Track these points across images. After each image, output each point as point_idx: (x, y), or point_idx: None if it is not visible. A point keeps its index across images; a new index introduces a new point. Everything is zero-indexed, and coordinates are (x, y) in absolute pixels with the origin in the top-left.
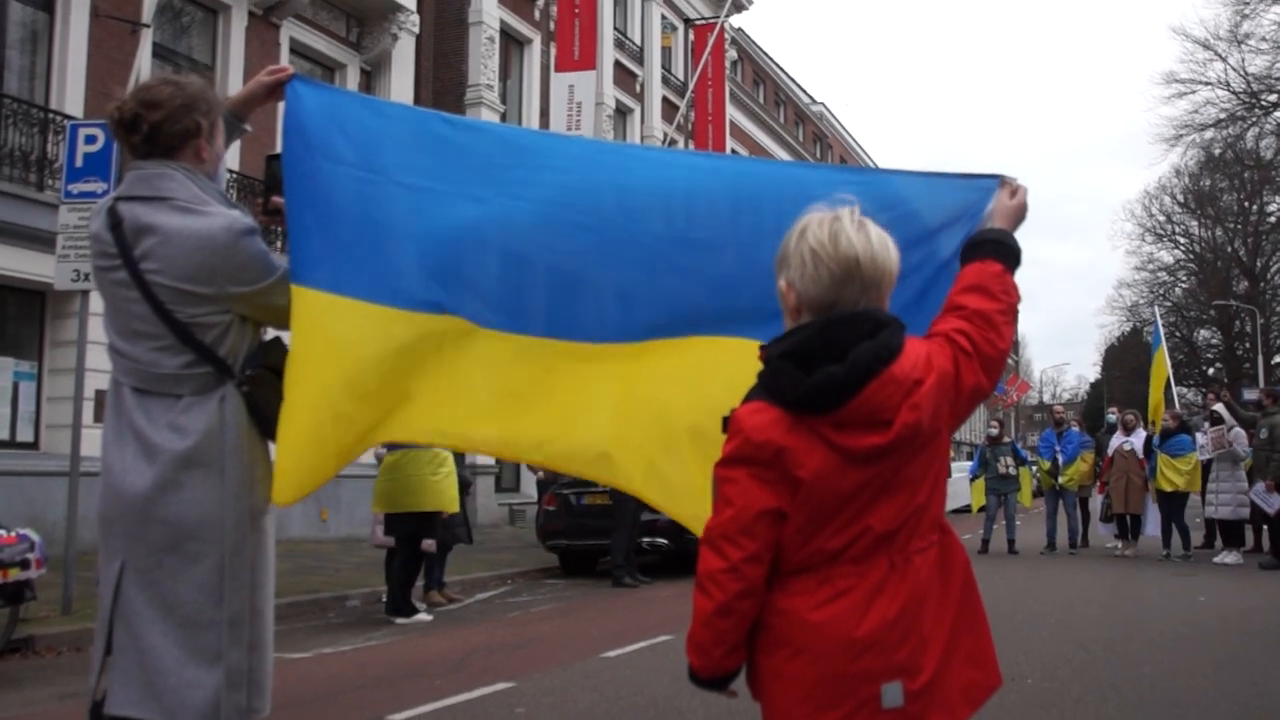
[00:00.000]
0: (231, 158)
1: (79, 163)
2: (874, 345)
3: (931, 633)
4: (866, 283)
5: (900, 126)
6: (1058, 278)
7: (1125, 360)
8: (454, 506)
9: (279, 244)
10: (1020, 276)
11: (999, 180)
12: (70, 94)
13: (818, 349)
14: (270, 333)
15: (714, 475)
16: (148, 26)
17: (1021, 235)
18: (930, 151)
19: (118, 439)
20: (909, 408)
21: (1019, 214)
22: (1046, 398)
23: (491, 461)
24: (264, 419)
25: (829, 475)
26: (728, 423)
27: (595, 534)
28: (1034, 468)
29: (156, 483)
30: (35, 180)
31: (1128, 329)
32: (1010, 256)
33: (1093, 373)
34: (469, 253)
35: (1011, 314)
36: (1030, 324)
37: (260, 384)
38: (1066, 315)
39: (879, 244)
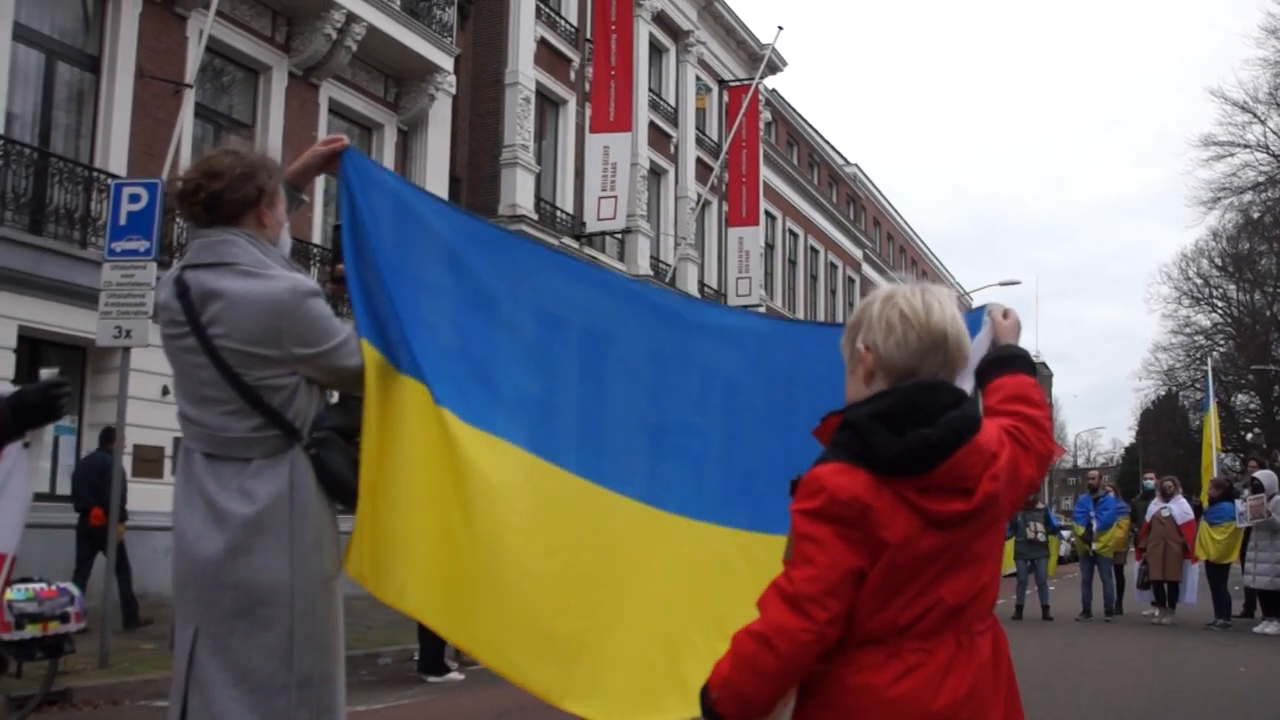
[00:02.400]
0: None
1: (123, 221)
2: (962, 414)
3: (991, 717)
4: (948, 358)
5: (936, 186)
6: (1095, 339)
7: (1161, 425)
8: None
9: (343, 310)
10: (1059, 338)
11: (984, 309)
12: (114, 153)
13: (906, 413)
14: (337, 395)
15: (792, 530)
16: (190, 87)
17: (1062, 296)
18: (966, 209)
19: (188, 505)
20: (989, 478)
21: (1019, 329)
22: (1081, 461)
23: None
24: (332, 482)
25: (911, 538)
26: (796, 486)
27: None
28: (1068, 533)
29: (227, 548)
30: (79, 238)
31: (1163, 393)
32: (1030, 366)
33: (1128, 437)
34: (500, 360)
35: (1050, 418)
36: (1066, 386)
37: (328, 446)
38: (1102, 377)
39: (961, 323)
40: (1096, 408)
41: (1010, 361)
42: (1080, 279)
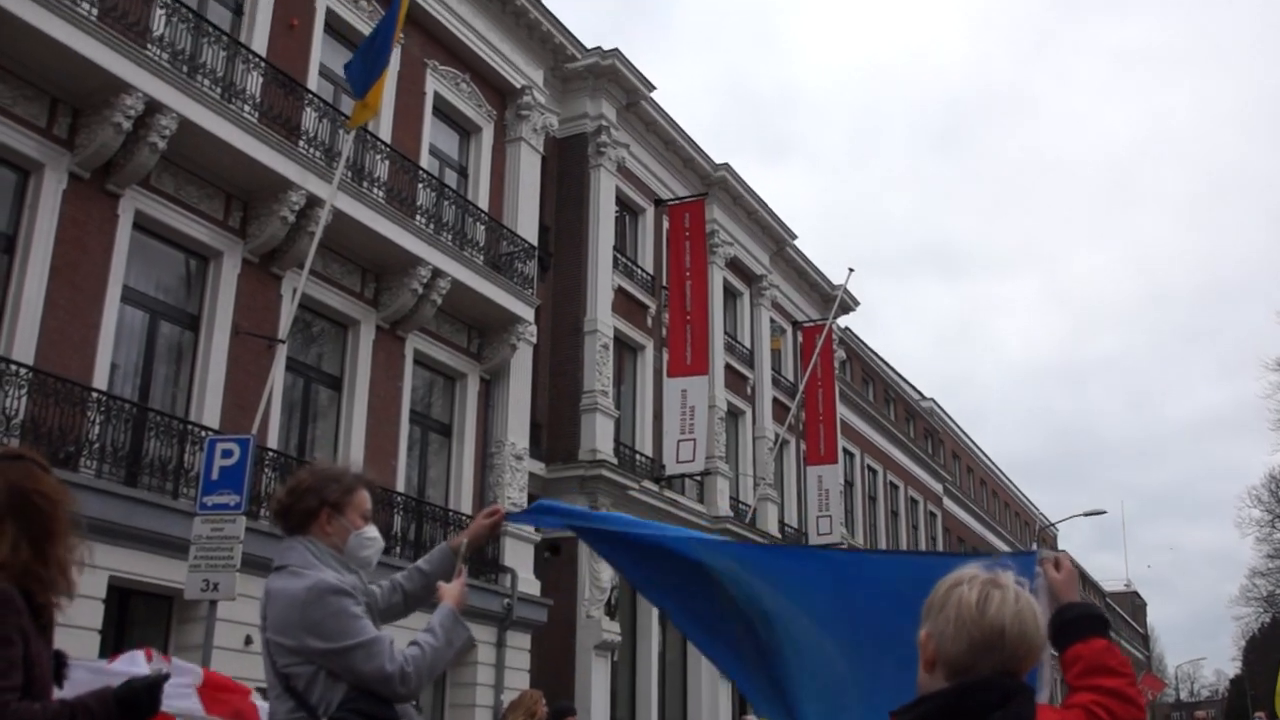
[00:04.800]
0: None
1: (215, 476)
2: (1004, 716)
3: None
4: (1008, 656)
5: (1017, 409)
6: (1191, 563)
7: (1268, 654)
8: None
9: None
10: (1155, 563)
11: (1036, 556)
12: (208, 406)
13: (948, 719)
14: None
15: None
16: (283, 342)
17: (1154, 518)
18: (1049, 431)
19: None
20: None
21: (1075, 582)
22: (1184, 695)
23: None
24: None
25: None
26: None
27: None
28: None
29: None
30: (171, 489)
31: (1266, 619)
32: (1102, 625)
33: (1232, 667)
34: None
35: (1134, 681)
36: (1163, 615)
37: None
38: (1201, 604)
39: (1030, 618)
40: (1197, 636)
41: (1078, 625)
42: (1172, 500)
